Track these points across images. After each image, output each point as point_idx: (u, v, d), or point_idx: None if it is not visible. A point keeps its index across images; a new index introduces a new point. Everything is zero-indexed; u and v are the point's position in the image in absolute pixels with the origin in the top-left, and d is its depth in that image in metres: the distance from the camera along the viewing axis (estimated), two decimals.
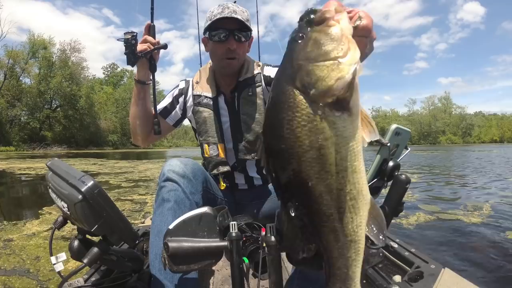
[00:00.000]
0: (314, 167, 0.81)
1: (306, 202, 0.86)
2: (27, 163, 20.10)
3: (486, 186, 8.99)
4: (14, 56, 56.54)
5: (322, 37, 0.79)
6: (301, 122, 0.79)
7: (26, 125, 58.45)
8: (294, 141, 0.80)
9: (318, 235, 0.91)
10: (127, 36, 1.72)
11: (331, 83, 0.76)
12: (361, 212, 0.88)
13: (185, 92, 2.07)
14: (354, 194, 0.85)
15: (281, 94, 0.81)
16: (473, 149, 46.48)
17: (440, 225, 5.02)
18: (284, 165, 0.84)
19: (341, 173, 0.82)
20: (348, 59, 0.77)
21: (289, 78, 0.81)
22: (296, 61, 0.81)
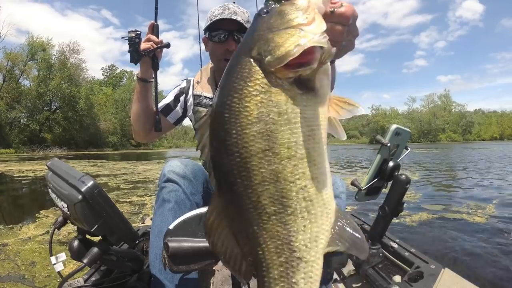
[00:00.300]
0: (259, 143, 0.66)
1: (243, 188, 0.68)
2: (26, 165, 19.98)
3: (489, 185, 8.91)
4: (13, 58, 56.52)
5: (288, 7, 0.70)
6: (252, 92, 0.67)
7: (25, 127, 58.38)
8: (240, 111, 0.67)
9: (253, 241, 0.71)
10: (131, 34, 1.74)
11: (289, 48, 0.64)
12: (319, 221, 0.69)
13: (186, 91, 2.09)
14: (311, 193, 0.68)
15: (235, 65, 0.70)
16: (473, 147, 46.15)
17: (443, 224, 4.97)
18: (224, 141, 0.69)
19: (294, 161, 0.67)
20: (312, 28, 0.67)
21: (247, 49, 0.70)
22: (257, 32, 0.71)
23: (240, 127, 0.67)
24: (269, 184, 0.67)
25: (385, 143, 1.85)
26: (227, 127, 0.68)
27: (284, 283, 0.70)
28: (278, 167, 0.66)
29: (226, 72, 0.73)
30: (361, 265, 1.97)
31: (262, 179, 0.67)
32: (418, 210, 5.86)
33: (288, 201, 0.67)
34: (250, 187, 0.68)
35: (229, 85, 0.69)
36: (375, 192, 2.00)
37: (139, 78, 1.90)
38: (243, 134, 0.67)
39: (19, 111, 57.34)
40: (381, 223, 1.98)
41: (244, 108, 0.67)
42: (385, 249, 2.15)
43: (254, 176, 0.67)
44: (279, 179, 0.66)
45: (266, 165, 0.66)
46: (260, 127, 0.66)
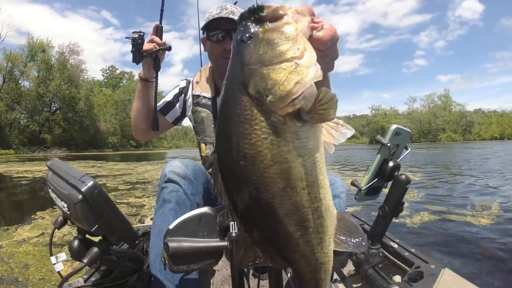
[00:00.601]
0: (279, 183, 0.72)
1: (272, 225, 0.78)
2: (25, 166, 19.96)
3: (492, 185, 8.84)
4: (13, 59, 56.53)
5: (276, 36, 0.70)
6: (261, 135, 0.69)
7: (25, 128, 58.39)
8: (255, 156, 0.70)
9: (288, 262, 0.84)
10: (134, 35, 1.77)
11: (290, 87, 0.66)
12: (329, 231, 0.81)
13: (185, 91, 2.11)
14: (322, 211, 0.78)
15: (235, 106, 0.71)
16: (474, 147, 46.11)
17: (444, 224, 4.97)
18: (243, 185, 0.74)
19: (308, 189, 0.74)
20: (305, 60, 0.68)
21: (241, 85, 0.70)
22: (247, 65, 0.70)
23: (258, 173, 0.71)
24: (292, 214, 0.75)
25: (385, 143, 1.86)
26: (246, 175, 0.72)
27: (313, 282, 0.86)
28: (297, 198, 0.74)
29: (224, 112, 0.75)
30: (361, 265, 1.97)
31: (286, 212, 0.75)
32: (419, 210, 5.81)
33: (308, 223, 0.77)
34: (278, 221, 0.76)
35: (234, 130, 0.71)
36: (375, 192, 2.00)
37: (141, 77, 1.93)
38: (262, 178, 0.72)
39: (19, 112, 57.45)
40: (381, 223, 1.98)
41: (258, 153, 0.70)
42: (385, 249, 2.15)
43: (279, 211, 0.75)
44: (299, 208, 0.75)
45: (287, 199, 0.74)
46: (276, 168, 0.71)
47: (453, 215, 5.50)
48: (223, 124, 0.75)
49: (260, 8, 0.72)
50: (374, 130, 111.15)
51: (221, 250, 1.29)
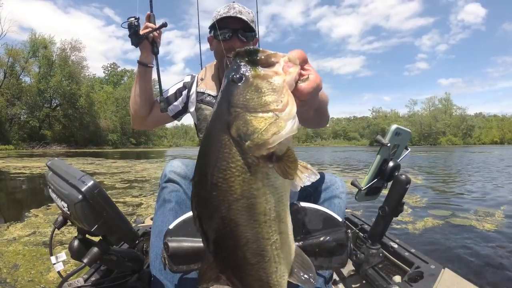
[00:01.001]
0: (244, 216, 0.80)
1: (232, 250, 0.85)
2: (24, 162, 19.80)
3: (495, 190, 8.63)
4: (14, 55, 56.50)
5: (264, 84, 0.76)
6: (235, 172, 0.77)
7: (25, 123, 58.46)
8: (226, 190, 0.78)
9: (243, 284, 0.90)
10: (130, 20, 1.85)
11: (267, 137, 0.74)
12: (285, 262, 0.89)
13: (189, 87, 2.10)
14: (281, 243, 0.86)
15: (216, 142, 0.78)
16: (474, 150, 45.46)
17: (449, 230, 4.80)
18: (212, 213, 0.82)
19: (269, 223, 0.82)
20: (285, 113, 0.75)
21: (225, 126, 0.77)
22: (234, 107, 0.77)
23: (227, 204, 0.79)
24: (252, 243, 0.83)
25: (385, 143, 1.85)
26: (216, 204, 0.80)
27: None
28: (258, 230, 0.82)
29: (206, 144, 0.82)
30: (361, 265, 1.97)
31: (247, 241, 0.83)
32: (422, 215, 5.67)
33: (265, 252, 0.85)
34: (238, 247, 0.84)
35: (212, 164, 0.79)
36: (375, 192, 2.00)
37: (140, 62, 1.96)
38: (230, 209, 0.79)
39: (19, 107, 57.47)
40: (381, 223, 1.98)
41: (229, 188, 0.78)
42: (385, 249, 2.15)
43: (240, 239, 0.83)
44: (259, 238, 0.83)
45: (249, 230, 0.82)
46: (244, 202, 0.79)
47: (457, 219, 5.40)
48: (203, 156, 0.82)
49: (255, 51, 0.78)
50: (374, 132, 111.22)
51: None
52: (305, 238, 1.32)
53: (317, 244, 1.29)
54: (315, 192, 1.79)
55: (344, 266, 1.40)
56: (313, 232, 1.34)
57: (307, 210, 1.36)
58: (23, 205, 7.25)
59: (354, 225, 2.60)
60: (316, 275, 1.63)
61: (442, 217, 5.51)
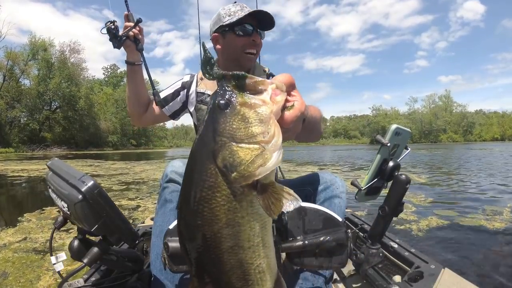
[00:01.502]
0: (228, 242, 0.81)
1: (217, 275, 0.87)
2: (22, 165, 19.70)
3: (502, 187, 8.54)
4: (13, 58, 56.50)
5: (251, 115, 0.76)
6: (221, 202, 0.78)
7: (25, 126, 58.42)
8: (212, 219, 0.79)
9: None
10: (107, 24, 1.91)
11: (253, 169, 0.74)
12: (267, 285, 0.91)
13: (188, 86, 2.10)
14: (264, 267, 0.88)
15: (202, 171, 0.78)
16: (475, 147, 45.10)
17: (455, 230, 4.72)
18: (197, 240, 0.83)
19: (253, 248, 0.84)
20: (272, 145, 0.75)
21: (210, 154, 0.77)
22: (220, 136, 0.77)
23: (212, 232, 0.80)
24: (236, 269, 0.85)
25: (385, 143, 1.85)
26: (201, 232, 0.81)
27: None
28: (242, 256, 0.84)
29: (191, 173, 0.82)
30: (361, 265, 1.97)
31: (231, 267, 0.85)
32: (426, 214, 5.50)
33: (249, 276, 0.87)
34: (222, 272, 0.86)
35: (198, 193, 0.79)
36: (375, 192, 2.00)
37: (127, 61, 2.02)
38: (215, 237, 0.81)
39: (19, 110, 57.44)
40: (381, 223, 1.98)
41: (215, 217, 0.79)
42: (385, 249, 2.15)
43: (225, 265, 0.84)
44: (243, 264, 0.85)
45: (233, 256, 0.83)
46: (228, 230, 0.80)
47: (465, 218, 5.27)
48: (188, 185, 0.82)
49: (243, 76, 0.77)
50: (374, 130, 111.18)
51: None
52: (305, 238, 1.33)
53: (317, 244, 1.29)
54: (315, 192, 1.79)
55: (344, 266, 1.40)
56: (313, 232, 1.34)
57: (307, 210, 1.36)
58: (17, 209, 7.11)
59: (354, 225, 2.60)
60: (317, 274, 1.65)
61: (448, 217, 5.36)
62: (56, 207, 5.93)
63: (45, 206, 6.35)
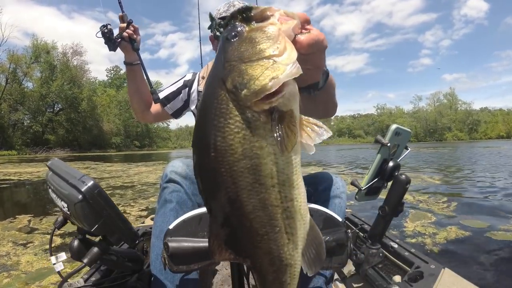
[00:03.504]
0: (247, 178, 0.73)
1: (238, 219, 0.78)
2: (19, 168, 19.47)
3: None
4: (16, 60, 56.69)
5: (258, 35, 0.72)
6: (234, 129, 0.71)
7: (28, 129, 58.62)
8: (226, 150, 0.71)
9: (251, 257, 0.83)
10: (101, 29, 1.95)
11: (265, 82, 0.67)
12: (298, 233, 0.81)
13: (189, 85, 2.15)
14: (292, 212, 0.78)
15: (212, 100, 0.73)
16: (482, 145, 44.37)
17: (480, 242, 4.08)
18: (213, 176, 0.75)
19: (278, 187, 0.74)
20: (284, 58, 0.70)
21: (220, 81, 0.72)
22: (228, 62, 0.72)
23: (228, 165, 0.72)
24: (259, 211, 0.75)
25: (385, 143, 1.86)
26: (216, 166, 0.73)
27: (277, 283, 0.85)
28: (265, 196, 0.74)
29: (203, 105, 0.76)
30: (361, 265, 1.97)
31: (253, 208, 0.75)
32: (443, 224, 4.82)
33: (275, 222, 0.77)
34: (243, 216, 0.76)
35: (209, 123, 0.73)
36: (375, 192, 2.00)
37: (125, 62, 2.06)
38: (231, 171, 0.72)
39: (22, 113, 57.65)
40: (381, 223, 1.98)
41: (229, 146, 0.71)
42: (385, 249, 2.15)
43: (246, 206, 0.75)
44: (266, 205, 0.75)
45: (255, 195, 0.74)
46: (246, 162, 0.72)
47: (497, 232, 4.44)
48: (200, 117, 0.77)
49: (249, 8, 0.74)
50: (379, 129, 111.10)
51: None
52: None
53: None
54: (315, 192, 1.79)
55: (344, 266, 1.40)
56: None
57: None
58: (2, 214, 6.68)
59: (354, 225, 2.59)
60: (317, 274, 1.64)
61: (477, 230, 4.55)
62: (28, 216, 5.93)
63: (18, 214, 6.16)
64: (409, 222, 4.74)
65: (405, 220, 4.78)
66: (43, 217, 5.80)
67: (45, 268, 3.32)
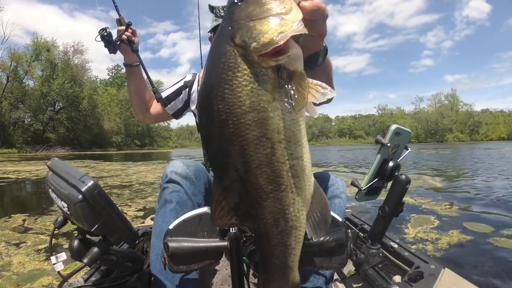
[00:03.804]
0: (254, 131, 0.74)
1: (243, 174, 0.78)
2: (19, 166, 19.27)
3: None
4: (17, 59, 56.64)
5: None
6: (242, 82, 0.72)
7: (29, 127, 58.63)
8: (234, 102, 0.73)
9: (255, 218, 0.83)
10: (101, 33, 1.98)
11: (273, 35, 0.69)
12: (304, 194, 0.81)
13: (190, 85, 2.17)
14: (298, 171, 0.78)
15: (220, 55, 0.74)
16: (483, 147, 43.82)
17: (484, 248, 3.89)
18: (220, 128, 0.76)
19: (284, 144, 0.76)
20: (291, 16, 0.72)
21: (228, 37, 0.74)
22: (236, 21, 0.74)
23: (235, 117, 0.73)
24: (265, 167, 0.76)
25: (385, 143, 1.86)
26: (223, 117, 0.74)
27: (281, 246, 0.86)
28: (272, 151, 0.75)
29: (210, 62, 0.78)
30: (361, 265, 1.97)
31: (259, 163, 0.76)
32: (445, 228, 4.63)
33: (281, 179, 0.77)
34: (249, 171, 0.77)
35: (217, 76, 0.74)
36: (375, 192, 2.00)
37: (124, 64, 2.11)
38: (239, 123, 0.74)
39: (22, 111, 57.63)
40: (381, 223, 1.98)
41: (237, 98, 0.73)
42: (385, 249, 2.15)
43: (252, 160, 0.76)
44: (272, 161, 0.76)
45: (261, 150, 0.75)
46: (254, 115, 0.73)
47: (501, 238, 4.22)
48: (208, 73, 0.78)
49: None
50: (380, 130, 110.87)
51: (221, 250, 1.30)
52: (305, 238, 1.33)
53: (317, 244, 1.29)
54: None
55: (344, 266, 1.40)
56: None
57: None
58: None
59: (354, 225, 2.59)
60: (317, 274, 1.64)
61: (472, 231, 4.46)
62: (23, 215, 5.83)
63: (13, 213, 6.01)
64: (410, 227, 4.63)
65: (406, 225, 4.70)
66: (38, 216, 5.75)
67: (37, 270, 3.29)
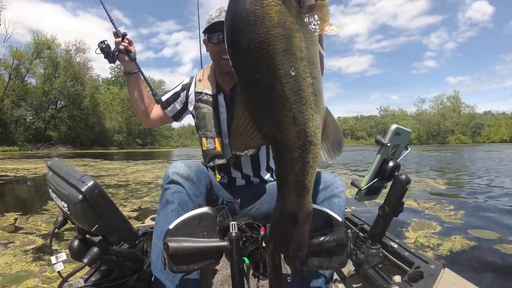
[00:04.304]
0: (281, 43, 0.82)
1: (270, 81, 0.85)
2: (19, 164, 19.16)
3: None
4: (19, 56, 56.64)
5: None
6: (271, 2, 0.81)
7: (31, 125, 58.70)
8: (264, 16, 0.81)
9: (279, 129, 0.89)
10: (100, 45, 2.08)
11: None
12: (321, 113, 0.90)
13: (187, 88, 2.23)
14: (316, 90, 0.87)
15: None
16: (485, 149, 43.33)
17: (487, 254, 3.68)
18: (250, 37, 0.83)
19: (305, 61, 0.84)
20: None
21: None
22: None
23: (266, 28, 0.81)
24: (290, 78, 0.84)
25: (385, 143, 1.86)
26: (254, 28, 0.82)
27: (301, 162, 0.91)
28: (295, 65, 0.83)
29: None
30: (361, 265, 1.98)
31: (285, 73, 0.83)
32: (447, 233, 4.41)
33: (302, 93, 0.85)
34: (276, 79, 0.84)
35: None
36: (375, 192, 2.00)
37: (124, 72, 2.21)
38: (269, 34, 0.82)
39: (24, 109, 57.53)
40: (381, 223, 1.98)
41: (267, 14, 0.81)
42: (385, 249, 2.15)
43: (279, 70, 0.83)
44: (296, 75, 0.84)
45: (287, 62, 0.83)
46: (281, 30, 0.82)
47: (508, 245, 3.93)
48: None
49: None
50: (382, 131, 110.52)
51: (221, 250, 1.31)
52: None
53: (317, 244, 1.29)
54: (314, 191, 1.79)
55: (344, 266, 1.40)
56: (313, 232, 1.34)
57: None
58: None
59: (354, 225, 2.60)
60: (317, 274, 1.65)
61: (486, 241, 4.14)
62: (15, 214, 5.73)
63: (6, 212, 5.91)
64: (411, 231, 4.57)
65: (407, 229, 4.65)
66: (30, 215, 5.64)
67: (24, 271, 3.25)
